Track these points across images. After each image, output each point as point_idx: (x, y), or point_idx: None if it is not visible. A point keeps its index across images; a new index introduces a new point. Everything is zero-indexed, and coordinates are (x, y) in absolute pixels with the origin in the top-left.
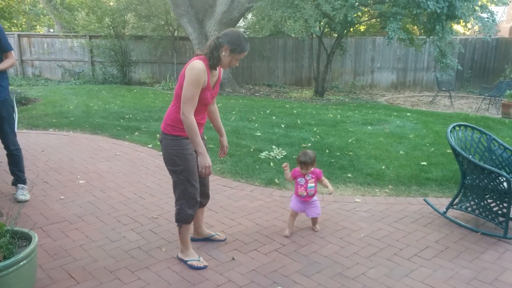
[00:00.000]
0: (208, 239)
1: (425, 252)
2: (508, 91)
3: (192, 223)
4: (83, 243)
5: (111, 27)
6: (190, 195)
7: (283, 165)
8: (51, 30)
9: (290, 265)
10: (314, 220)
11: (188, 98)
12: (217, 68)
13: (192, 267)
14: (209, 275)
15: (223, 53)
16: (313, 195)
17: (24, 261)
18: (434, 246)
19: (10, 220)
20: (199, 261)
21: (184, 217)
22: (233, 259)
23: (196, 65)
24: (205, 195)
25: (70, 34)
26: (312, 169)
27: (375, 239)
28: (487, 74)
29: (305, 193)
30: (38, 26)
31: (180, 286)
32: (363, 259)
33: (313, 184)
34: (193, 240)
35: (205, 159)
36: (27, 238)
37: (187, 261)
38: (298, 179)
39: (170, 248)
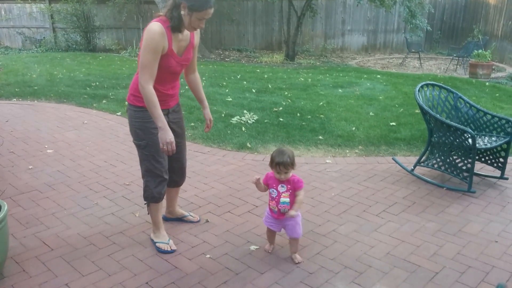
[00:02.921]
0: (181, 220)
1: (393, 208)
2: (476, 51)
3: (161, 202)
4: (55, 211)
5: None
6: (156, 172)
7: (254, 180)
8: None
9: (263, 225)
10: (293, 243)
11: (143, 66)
12: (185, 31)
13: (159, 250)
14: (184, 237)
15: (182, 12)
16: (288, 212)
17: None
18: (402, 202)
19: None
20: (167, 244)
21: (150, 195)
22: (207, 221)
23: (152, 28)
24: (180, 173)
25: None
26: (291, 174)
27: (345, 197)
28: (456, 35)
29: (276, 209)
30: None
31: (155, 249)
32: (334, 216)
33: (287, 199)
34: (165, 219)
35: (166, 134)
36: None
37: (156, 242)
38: (270, 190)
39: (143, 213)
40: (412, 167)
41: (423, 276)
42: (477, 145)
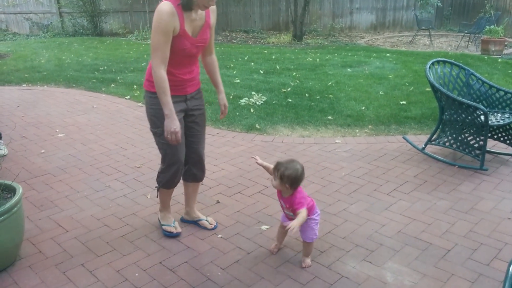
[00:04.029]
0: (196, 223)
1: (404, 186)
2: (488, 27)
3: (172, 189)
4: (68, 194)
5: None
6: (172, 160)
7: (256, 160)
8: None
9: (273, 205)
10: (305, 245)
11: (154, 48)
12: (198, 10)
13: (164, 233)
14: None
15: None
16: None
17: (11, 211)
18: (413, 180)
19: None
20: (173, 226)
21: (164, 180)
22: (218, 202)
23: (161, 8)
24: (199, 166)
25: None
26: (292, 193)
27: (355, 177)
28: (467, 11)
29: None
30: None
31: None
32: (344, 196)
33: (291, 213)
34: (182, 221)
35: (172, 123)
36: (11, 190)
37: (162, 225)
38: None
39: (155, 195)
40: (423, 146)
41: (434, 253)
42: (489, 122)
